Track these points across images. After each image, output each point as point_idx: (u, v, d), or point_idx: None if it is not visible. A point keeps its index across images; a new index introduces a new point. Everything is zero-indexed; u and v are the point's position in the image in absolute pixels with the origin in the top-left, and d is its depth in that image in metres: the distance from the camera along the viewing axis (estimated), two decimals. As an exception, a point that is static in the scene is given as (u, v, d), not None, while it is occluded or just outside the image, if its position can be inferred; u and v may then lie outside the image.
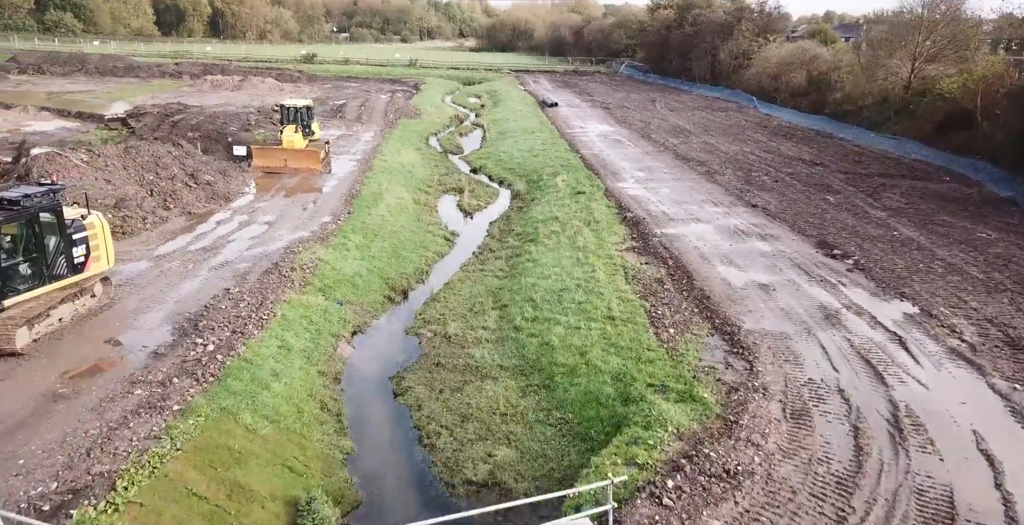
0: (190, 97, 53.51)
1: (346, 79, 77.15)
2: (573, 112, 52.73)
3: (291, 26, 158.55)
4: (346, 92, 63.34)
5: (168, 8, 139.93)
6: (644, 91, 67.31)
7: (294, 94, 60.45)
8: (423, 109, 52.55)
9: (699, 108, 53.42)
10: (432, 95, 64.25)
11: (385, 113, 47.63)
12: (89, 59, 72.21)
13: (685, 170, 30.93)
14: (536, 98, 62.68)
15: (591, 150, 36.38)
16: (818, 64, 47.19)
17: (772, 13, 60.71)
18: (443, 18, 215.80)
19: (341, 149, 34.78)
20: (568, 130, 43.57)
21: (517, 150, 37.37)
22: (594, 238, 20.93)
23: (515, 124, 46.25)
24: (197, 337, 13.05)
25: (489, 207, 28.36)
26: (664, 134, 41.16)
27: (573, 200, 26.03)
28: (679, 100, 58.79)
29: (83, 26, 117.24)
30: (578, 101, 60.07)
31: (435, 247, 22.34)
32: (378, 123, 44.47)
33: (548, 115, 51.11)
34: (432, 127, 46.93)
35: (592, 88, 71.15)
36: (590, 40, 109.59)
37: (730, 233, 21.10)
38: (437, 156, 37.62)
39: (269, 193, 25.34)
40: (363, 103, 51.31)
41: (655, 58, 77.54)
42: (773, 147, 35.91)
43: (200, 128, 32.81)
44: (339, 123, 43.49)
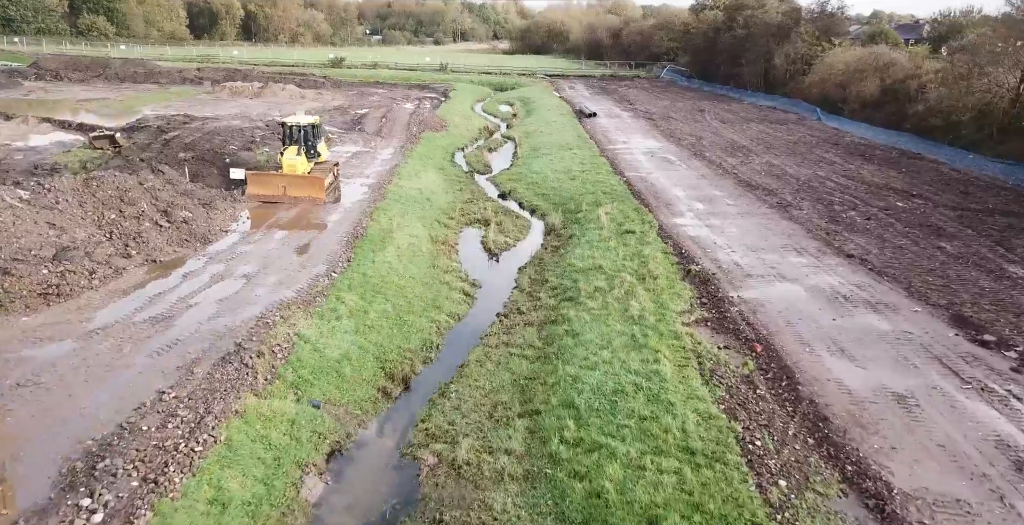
0: (204, 106, 50.32)
1: (373, 85, 73.67)
2: (614, 124, 48.10)
3: (323, 28, 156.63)
4: (371, 100, 59.66)
5: (201, 11, 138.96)
6: (690, 99, 62.28)
7: (316, 101, 57.01)
8: (450, 120, 48.49)
9: (754, 120, 48.31)
10: (461, 103, 60.21)
11: (408, 126, 43.63)
12: (111, 64, 69.93)
13: (752, 201, 26.15)
14: (572, 106, 58.18)
15: (637, 172, 31.79)
16: (893, 71, 41.80)
17: (835, 14, 55.21)
18: (477, 20, 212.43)
19: (354, 170, 30.79)
20: (610, 146, 39.01)
21: (552, 171, 32.98)
22: (651, 303, 16.41)
23: (550, 138, 41.86)
24: (84, 495, 8.93)
25: (519, 245, 24.01)
26: (719, 152, 36.33)
27: (620, 241, 21.54)
28: (730, 110, 53.69)
29: (116, 30, 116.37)
30: (618, 110, 55.39)
31: (451, 306, 18.05)
32: (400, 137, 40.49)
33: (586, 127, 46.61)
34: (459, 141, 42.81)
35: (632, 95, 66.35)
36: (628, 43, 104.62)
37: (828, 299, 16.38)
38: (462, 177, 33.41)
39: (259, 231, 21.35)
40: (386, 114, 47.44)
41: (700, 62, 72.37)
42: (852, 171, 30.83)
43: (195, 147, 29.10)
44: (357, 137, 39.62)
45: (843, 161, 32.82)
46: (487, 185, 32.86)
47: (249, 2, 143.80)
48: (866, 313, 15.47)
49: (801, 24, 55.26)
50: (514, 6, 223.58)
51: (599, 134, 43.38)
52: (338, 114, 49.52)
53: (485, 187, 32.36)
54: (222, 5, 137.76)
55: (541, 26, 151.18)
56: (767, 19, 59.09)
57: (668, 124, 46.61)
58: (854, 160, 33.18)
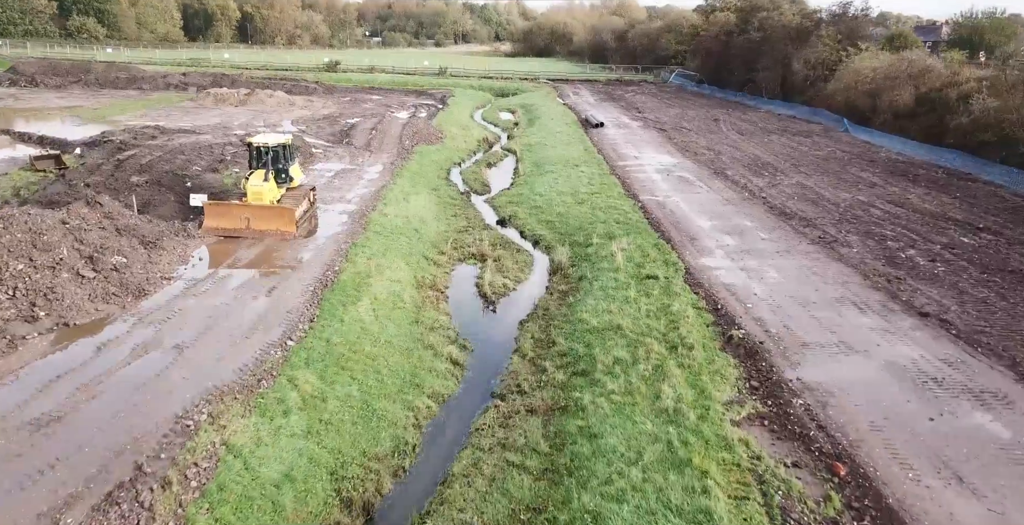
0: (183, 115, 46.94)
1: (368, 90, 70.28)
2: (623, 135, 44.58)
3: (322, 31, 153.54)
4: (364, 107, 56.22)
5: (196, 13, 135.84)
6: (702, 106, 58.73)
7: (305, 109, 53.60)
8: (447, 131, 45.03)
9: (774, 130, 44.74)
10: (460, 111, 56.74)
11: (400, 138, 40.13)
12: (93, 69, 66.58)
13: (789, 234, 22.61)
14: (577, 115, 54.70)
15: (653, 195, 28.27)
16: (929, 79, 38.23)
17: (858, 16, 51.58)
18: (479, 21, 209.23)
19: (335, 193, 27.32)
20: (620, 162, 35.49)
21: (557, 192, 29.47)
22: (688, 387, 12.90)
23: (554, 152, 38.36)
24: None
25: (519, 289, 20.51)
26: (742, 169, 32.79)
27: (640, 289, 18.02)
28: (747, 119, 50.13)
29: (107, 32, 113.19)
30: (626, 119, 51.88)
31: (434, 382, 14.53)
32: (391, 151, 37.03)
33: (593, 139, 43.12)
34: (455, 155, 39.34)
35: (640, 102, 62.82)
36: (634, 45, 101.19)
37: (915, 384, 12.85)
38: (457, 199, 29.92)
39: (210, 278, 17.86)
40: (377, 124, 43.95)
41: (711, 67, 68.83)
42: (897, 195, 27.26)
43: (152, 169, 25.65)
44: (343, 152, 36.16)
45: (884, 182, 29.23)
46: (485, 208, 29.38)
47: (246, 3, 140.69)
48: (971, 409, 11.92)
49: (822, 27, 51.68)
50: (516, 7, 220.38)
51: (607, 147, 39.87)
52: (327, 124, 46.10)
53: (483, 211, 28.88)
54: (217, 6, 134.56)
55: (544, 28, 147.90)
56: (784, 22, 55.57)
57: (682, 136, 43.07)
58: (897, 181, 29.60)
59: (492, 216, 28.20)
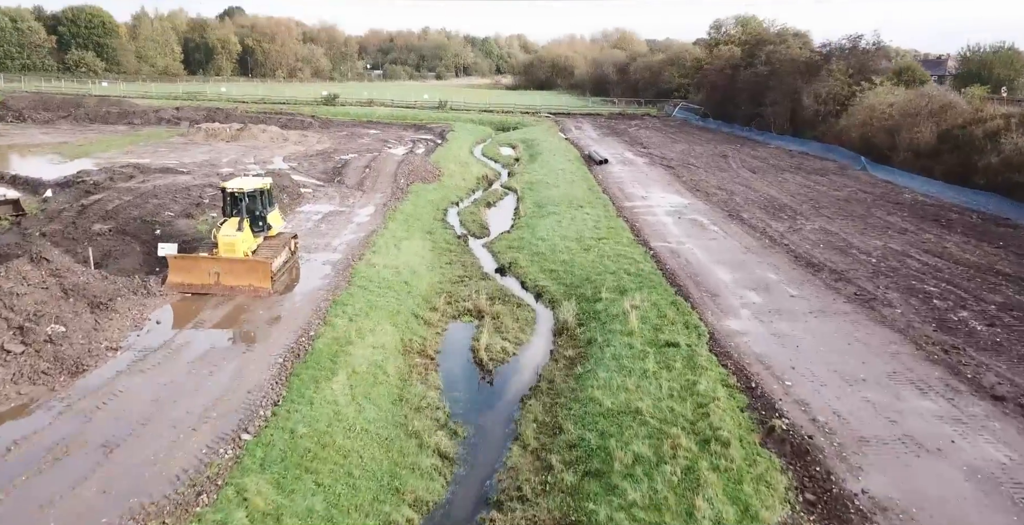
0: (170, 152, 45.17)
1: (365, 124, 68.88)
2: (628, 172, 42.65)
3: (322, 64, 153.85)
4: (360, 142, 54.56)
5: (197, 47, 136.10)
6: (708, 141, 57.02)
7: (299, 145, 51.90)
8: (445, 167, 43.15)
9: (788, 168, 42.79)
10: (459, 146, 55.04)
11: (395, 176, 38.15)
12: (85, 103, 65.26)
13: (821, 290, 20.31)
14: (580, 150, 52.96)
15: (665, 241, 26.07)
16: (951, 115, 36.37)
17: (869, 50, 50.14)
18: (480, 54, 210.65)
19: (320, 240, 25.15)
20: (627, 203, 33.42)
21: (560, 237, 27.29)
22: (728, 502, 10.46)
23: (557, 191, 36.32)
24: None
25: (520, 354, 18.15)
26: (759, 211, 30.68)
27: (660, 360, 15.67)
28: (757, 155, 48.27)
29: (106, 66, 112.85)
30: (631, 155, 50.07)
31: (417, 484, 12.06)
32: (384, 191, 35.03)
33: (597, 177, 41.17)
34: (453, 193, 37.34)
35: (644, 136, 61.20)
36: (636, 78, 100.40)
37: (1015, 503, 10.38)
38: (453, 244, 27.72)
39: (165, 347, 15.53)
40: (372, 161, 42.05)
41: (716, 101, 67.44)
42: (933, 243, 25.02)
43: (119, 215, 23.54)
44: (334, 192, 34.14)
45: (916, 228, 27.02)
46: (483, 254, 27.18)
47: (247, 37, 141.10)
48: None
49: (832, 61, 50.17)
50: (518, 40, 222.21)
51: (613, 186, 37.86)
52: (319, 161, 44.25)
53: (480, 257, 26.67)
54: (218, 40, 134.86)
55: (545, 61, 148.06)
56: (792, 56, 54.17)
57: (690, 173, 41.10)
58: (929, 226, 27.40)
59: (491, 263, 25.99)
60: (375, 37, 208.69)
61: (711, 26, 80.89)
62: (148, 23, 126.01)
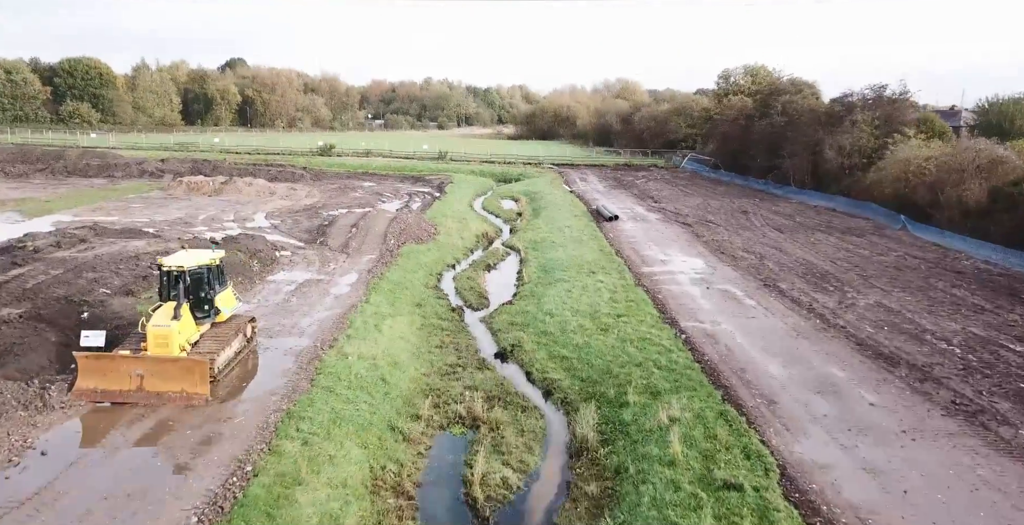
0: (144, 209, 41.67)
1: (361, 176, 65.85)
2: (642, 230, 38.92)
3: (323, 113, 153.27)
4: (352, 197, 51.20)
5: (197, 97, 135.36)
6: (723, 195, 53.60)
7: (286, 199, 48.48)
8: (441, 224, 39.52)
9: (817, 226, 39.04)
10: (458, 200, 51.62)
11: (385, 236, 34.37)
12: (67, 156, 62.34)
13: (905, 394, 16.09)
14: (587, 204, 49.53)
15: (697, 320, 22.00)
16: (1003, 171, 32.82)
17: (896, 100, 47.15)
18: (482, 104, 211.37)
19: (288, 319, 21.12)
20: (645, 268, 29.50)
21: (572, 310, 23.25)
22: None
23: (564, 252, 32.49)
24: None
25: (527, 489, 13.85)
26: (797, 280, 26.69)
27: (719, 514, 11.37)
28: (779, 211, 44.63)
29: (101, 117, 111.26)
30: (642, 210, 46.52)
31: None
32: (372, 253, 31.24)
33: (608, 234, 37.46)
34: (449, 255, 33.54)
35: (654, 189, 57.89)
36: (641, 128, 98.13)
37: None
38: (446, 319, 23.71)
39: (35, 498, 11.29)
40: (361, 218, 38.34)
41: (729, 152, 64.46)
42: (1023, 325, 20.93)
43: (39, 294, 19.58)
44: (314, 255, 30.32)
45: (993, 306, 22.90)
46: (481, 332, 23.19)
47: (247, 87, 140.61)
48: None
49: (855, 112, 47.11)
50: (519, 91, 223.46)
51: (627, 247, 34.04)
52: (305, 217, 40.67)
53: (478, 336, 22.69)
54: (218, 91, 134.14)
55: (547, 111, 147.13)
56: (812, 106, 51.28)
57: (711, 232, 37.36)
58: (1008, 302, 23.29)
59: (490, 345, 21.94)
60: (378, 87, 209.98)
61: (719, 76, 78.98)
62: (147, 74, 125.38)
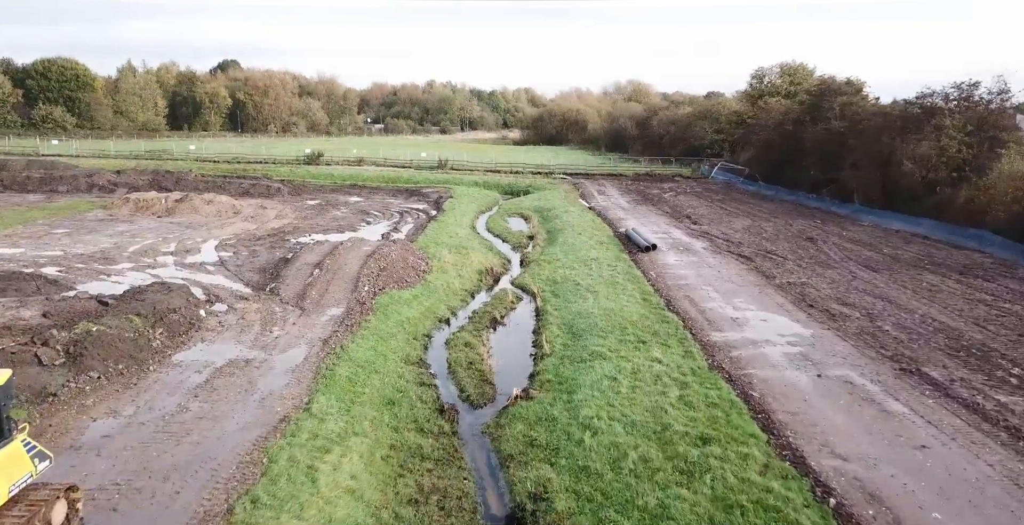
0: (66, 235, 33.56)
1: (348, 189, 57.72)
2: (690, 265, 30.56)
3: (319, 117, 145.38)
4: (331, 216, 43.06)
5: (184, 100, 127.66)
6: (772, 214, 45.21)
7: (249, 222, 40.31)
8: (436, 255, 31.38)
9: (918, 262, 30.51)
10: (457, 220, 43.35)
11: (357, 280, 26.00)
12: (10, 167, 54.30)
13: None
14: (611, 225, 41.29)
15: (833, 451, 13.65)
16: None
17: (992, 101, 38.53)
18: (486, 108, 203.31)
19: (166, 455, 12.83)
20: (715, 333, 21.13)
21: (625, 424, 14.94)
22: None
23: (596, 303, 24.18)
24: None
25: None
26: (946, 359, 18.32)
27: None
28: (854, 238, 36.15)
29: (77, 121, 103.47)
30: (681, 234, 38.18)
31: None
32: (336, 307, 23.02)
33: (648, 272, 29.17)
34: (442, 305, 25.28)
35: (687, 205, 49.57)
36: (660, 133, 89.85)
37: None
38: (430, 430, 15.47)
39: None
40: (330, 254, 29.95)
41: (770, 161, 56.09)
42: None
43: None
44: (256, 313, 22.09)
45: None
46: (484, 458, 14.95)
47: (238, 90, 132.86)
48: None
49: (939, 116, 38.67)
50: (525, 94, 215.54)
51: (679, 294, 25.69)
52: (264, 248, 32.51)
53: (478, 466, 14.53)
54: (206, 94, 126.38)
55: (555, 114, 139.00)
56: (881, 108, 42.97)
57: (780, 269, 29.02)
58: None
59: (498, 491, 13.68)
60: (379, 91, 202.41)
61: (752, 76, 70.77)
62: (132, 77, 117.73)
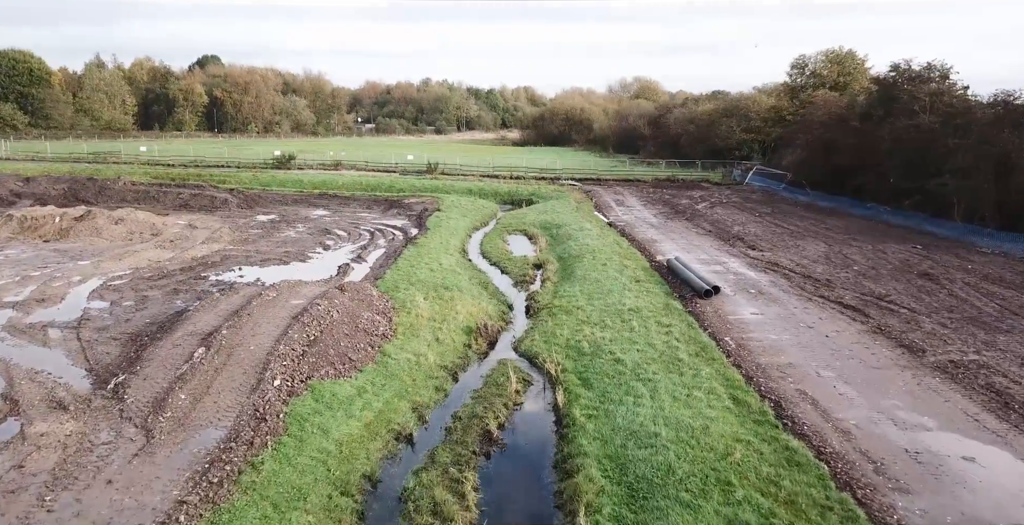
0: None
1: (316, 199, 48.00)
2: (776, 321, 20.70)
3: (304, 116, 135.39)
4: (280, 239, 33.30)
5: (157, 98, 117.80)
6: (847, 233, 35.44)
7: (167, 248, 30.51)
8: (406, 302, 21.92)
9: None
10: (442, 242, 33.50)
11: (264, 368, 16.00)
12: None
13: None
14: (641, 249, 31.60)
15: None
16: None
17: None
18: (484, 107, 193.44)
19: None
20: (902, 501, 11.26)
21: None
22: None
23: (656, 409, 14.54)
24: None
25: None
26: None
27: None
28: (990, 274, 26.24)
29: (30, 120, 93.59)
30: (742, 266, 28.40)
31: None
32: (213, 428, 13.11)
33: (720, 334, 19.39)
34: (401, 401, 15.76)
35: (731, 221, 39.87)
36: (678, 133, 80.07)
37: None
38: None
39: None
40: (237, 312, 20.06)
41: (822, 166, 46.34)
42: None
43: None
44: (56, 447, 12.17)
45: None
46: None
47: (216, 87, 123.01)
48: None
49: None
50: (524, 93, 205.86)
51: (787, 387, 15.85)
52: (164, 293, 22.76)
53: None
54: (180, 91, 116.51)
55: (557, 113, 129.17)
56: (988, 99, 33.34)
57: (921, 335, 19.25)
58: None
59: None
60: (372, 89, 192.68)
61: (792, 66, 61.00)
62: (95, 72, 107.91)
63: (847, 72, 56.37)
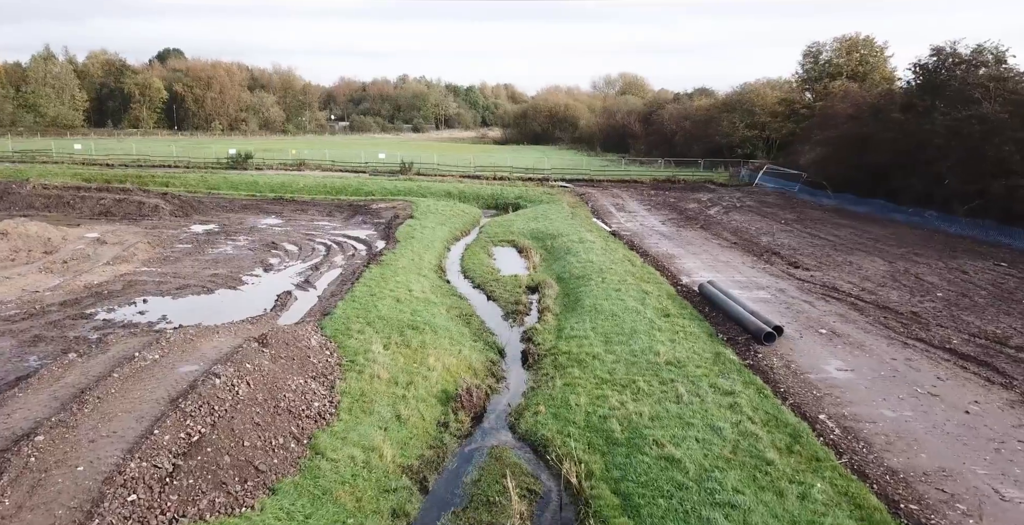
0: None
1: (268, 204, 41.34)
2: (882, 386, 14.69)
3: (273, 114, 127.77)
4: (208, 258, 26.74)
5: (111, 93, 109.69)
6: (901, 245, 29.77)
7: (58, 273, 23.81)
8: (358, 354, 15.67)
9: None
10: (415, 259, 27.07)
11: (98, 501, 9.57)
12: None
13: None
14: (660, 268, 25.58)
15: None
16: None
17: None
18: (463, 104, 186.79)
19: None
20: None
21: None
22: None
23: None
24: None
25: None
26: None
27: None
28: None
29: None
30: (788, 287, 22.43)
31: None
32: None
33: (817, 416, 13.26)
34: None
35: (753, 228, 34.03)
36: (672, 130, 74.39)
37: None
38: None
39: None
40: (94, 386, 13.61)
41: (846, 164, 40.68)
42: None
43: None
44: None
45: None
46: None
47: (176, 82, 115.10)
48: None
49: None
50: (505, 90, 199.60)
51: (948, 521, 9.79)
52: (14, 345, 16.08)
53: None
54: (136, 86, 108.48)
55: (541, 111, 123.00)
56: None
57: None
58: None
59: None
60: (346, 87, 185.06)
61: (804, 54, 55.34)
62: (42, 65, 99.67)
63: (865, 61, 51.00)
